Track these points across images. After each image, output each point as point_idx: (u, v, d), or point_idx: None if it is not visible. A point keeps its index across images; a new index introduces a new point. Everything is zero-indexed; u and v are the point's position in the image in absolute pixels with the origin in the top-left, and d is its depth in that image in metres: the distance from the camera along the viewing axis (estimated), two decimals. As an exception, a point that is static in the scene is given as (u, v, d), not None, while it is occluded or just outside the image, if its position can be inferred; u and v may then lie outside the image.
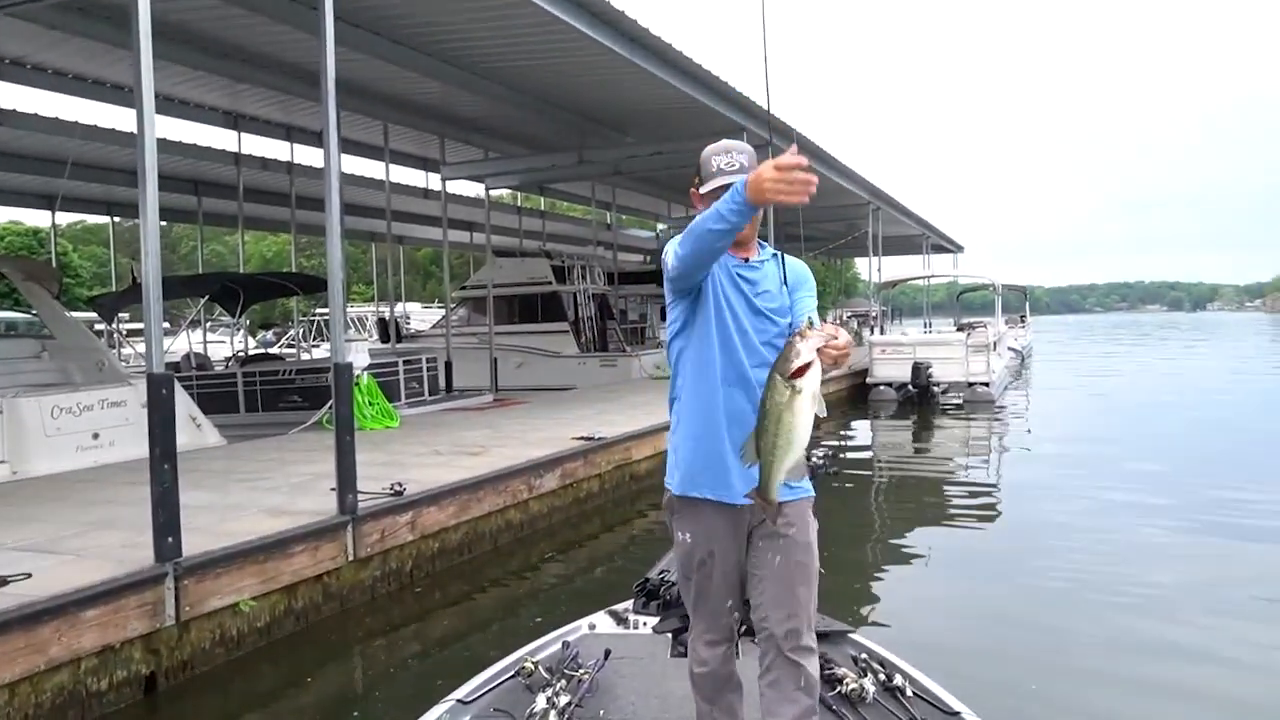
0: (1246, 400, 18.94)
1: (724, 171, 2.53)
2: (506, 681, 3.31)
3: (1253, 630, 5.53)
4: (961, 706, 3.07)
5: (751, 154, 2.57)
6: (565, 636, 3.74)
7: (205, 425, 10.62)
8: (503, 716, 3.08)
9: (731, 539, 2.58)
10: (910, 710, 3.03)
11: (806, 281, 2.74)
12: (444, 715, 3.11)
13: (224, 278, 16.18)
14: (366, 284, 43.34)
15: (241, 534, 5.59)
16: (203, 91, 14.03)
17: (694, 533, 2.60)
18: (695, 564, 2.61)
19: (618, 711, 3.13)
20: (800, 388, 2.15)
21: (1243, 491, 9.44)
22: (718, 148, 2.62)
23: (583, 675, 3.23)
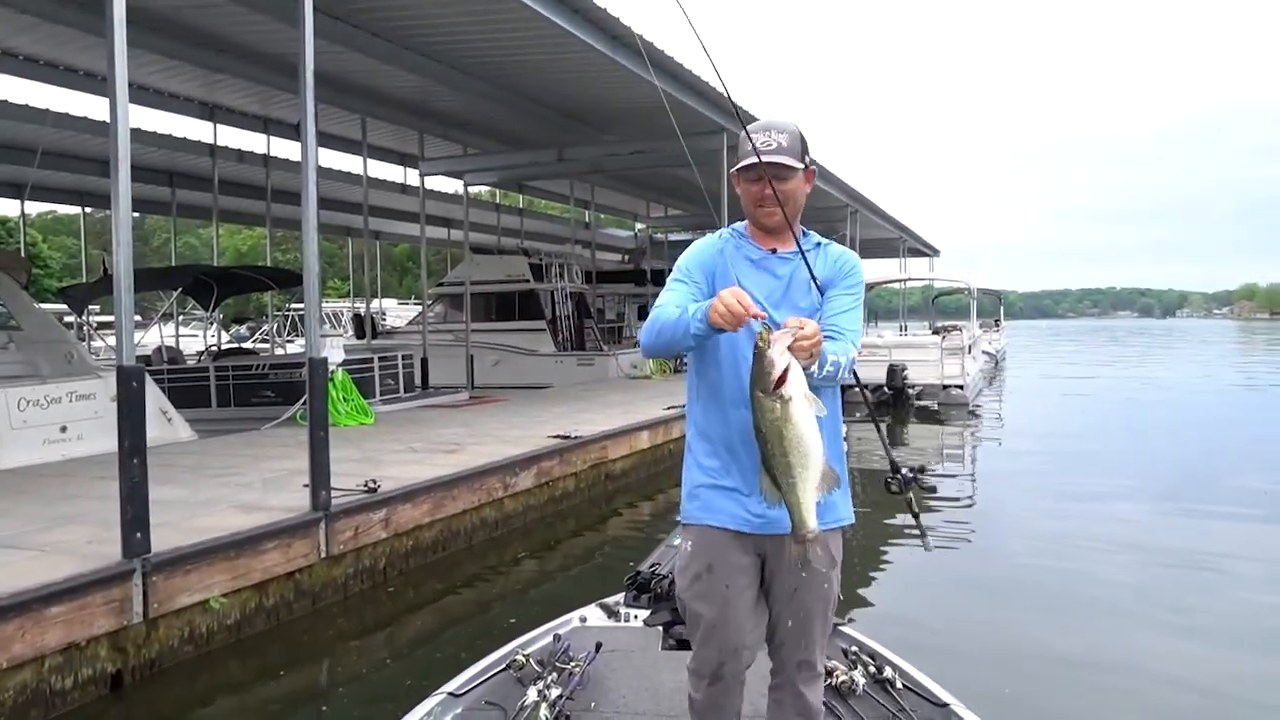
0: (1207, 403, 19.24)
1: (761, 151, 2.27)
2: (498, 674, 3.31)
3: (1229, 613, 5.75)
4: (950, 698, 3.08)
5: (794, 135, 2.32)
6: (556, 629, 3.73)
7: (177, 419, 10.49)
8: (494, 709, 3.06)
9: (738, 556, 2.32)
10: (900, 702, 3.04)
11: (844, 276, 2.39)
12: (435, 708, 3.09)
13: (197, 271, 15.98)
14: (343, 279, 43.07)
15: (212, 530, 5.51)
16: (178, 81, 13.87)
17: (696, 544, 2.36)
18: (689, 578, 2.36)
19: (609, 704, 3.12)
20: (788, 396, 1.99)
21: (1204, 484, 9.71)
22: (758, 125, 2.35)
23: (574, 668, 3.23)
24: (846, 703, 3.04)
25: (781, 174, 2.29)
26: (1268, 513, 8.70)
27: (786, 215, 2.31)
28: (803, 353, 2.02)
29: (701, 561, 2.34)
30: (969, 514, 9.12)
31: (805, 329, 2.03)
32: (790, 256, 2.37)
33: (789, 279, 2.37)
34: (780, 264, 2.38)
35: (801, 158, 2.32)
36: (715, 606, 2.31)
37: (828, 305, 2.36)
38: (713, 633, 2.32)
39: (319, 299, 6.69)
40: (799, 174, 2.33)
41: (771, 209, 2.32)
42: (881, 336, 23.30)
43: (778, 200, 2.29)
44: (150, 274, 15.40)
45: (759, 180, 2.30)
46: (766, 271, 2.37)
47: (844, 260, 2.43)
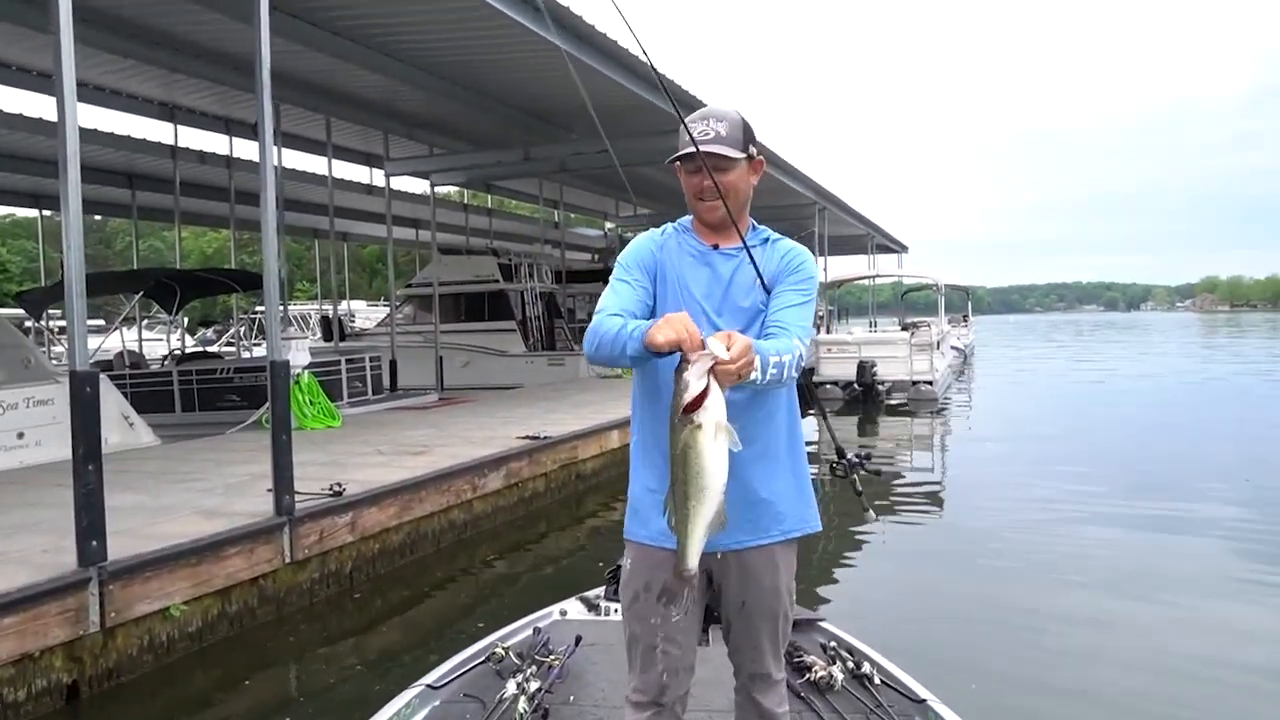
0: (1163, 395, 19.56)
1: (699, 141, 2.15)
2: (477, 667, 3.29)
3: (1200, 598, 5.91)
4: (928, 694, 3.08)
5: (734, 123, 2.19)
6: (536, 623, 3.71)
7: (139, 425, 10.32)
8: (473, 702, 3.04)
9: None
10: (877, 697, 3.04)
11: (792, 272, 2.24)
12: (413, 700, 3.07)
13: (159, 274, 15.73)
14: (310, 281, 42.62)
15: (173, 536, 5.41)
16: (135, 81, 13.64)
17: (635, 562, 2.26)
18: (629, 598, 2.26)
19: (588, 697, 3.11)
20: (698, 422, 1.82)
21: (1159, 473, 9.89)
22: (696, 114, 2.23)
23: (553, 661, 3.22)
24: (824, 698, 3.04)
25: (721, 165, 2.16)
26: (1229, 495, 8.85)
27: (729, 209, 2.18)
28: (727, 376, 1.84)
29: (640, 579, 2.23)
30: (939, 507, 9.20)
31: (731, 349, 1.84)
32: (734, 253, 2.24)
33: (731, 277, 2.24)
34: (723, 260, 2.25)
35: (744, 147, 2.20)
36: (654, 627, 2.20)
37: (774, 301, 2.21)
38: (653, 654, 2.21)
39: (280, 301, 6.60)
40: (741, 164, 2.20)
41: (712, 202, 2.19)
42: (851, 333, 23.46)
43: (719, 192, 2.16)
44: (111, 277, 15.19)
45: (698, 172, 2.17)
46: (708, 268, 2.24)
47: (792, 255, 2.28)
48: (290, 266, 38.59)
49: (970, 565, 7.03)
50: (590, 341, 2.12)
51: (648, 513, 2.22)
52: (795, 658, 3.20)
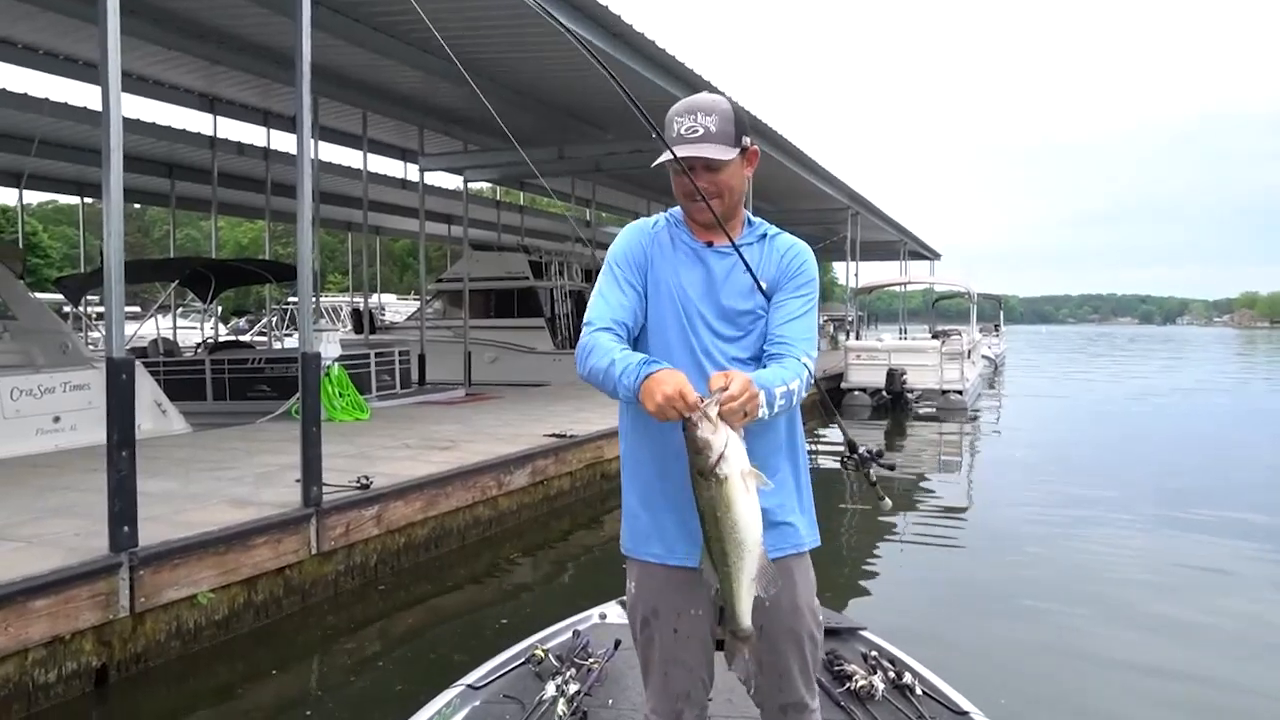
0: (1201, 415, 19.22)
1: (683, 139, 2.01)
2: (516, 668, 3.30)
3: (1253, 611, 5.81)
4: (970, 706, 3.04)
5: (724, 115, 2.03)
6: (576, 625, 3.72)
7: (171, 412, 10.45)
8: (512, 703, 3.06)
9: (685, 598, 2.07)
10: (919, 708, 3.01)
11: (793, 275, 2.09)
12: (454, 700, 3.08)
13: (194, 263, 15.92)
14: (342, 274, 43.02)
15: (202, 524, 5.46)
16: (178, 73, 13.82)
17: (639, 582, 2.13)
18: (638, 623, 2.14)
19: (626, 701, 3.11)
20: (723, 475, 1.73)
21: (1190, 483, 9.67)
22: (682, 106, 2.07)
23: (592, 664, 3.23)
24: (865, 708, 3.02)
25: (711, 165, 2.03)
26: (1259, 522, 8.67)
27: (721, 210, 2.06)
28: (735, 416, 1.75)
29: (647, 605, 2.12)
30: (969, 517, 9.10)
31: (731, 389, 1.75)
32: (730, 250, 2.08)
33: (727, 277, 2.08)
34: (718, 259, 2.09)
35: (737, 140, 2.04)
36: (665, 654, 2.10)
37: (775, 312, 2.06)
38: (666, 681, 2.11)
39: (313, 293, 6.65)
40: (734, 162, 2.05)
41: (702, 204, 2.04)
42: (881, 340, 23.29)
43: (702, 197, 2.02)
44: (147, 265, 15.40)
45: (688, 171, 2.03)
46: (702, 265, 2.09)
47: (793, 255, 2.12)
48: (323, 259, 38.97)
49: (997, 575, 6.98)
50: (581, 361, 2.01)
51: (643, 529, 2.11)
52: (835, 667, 3.19)
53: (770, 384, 1.88)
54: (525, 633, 3.68)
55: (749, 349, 2.07)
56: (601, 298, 2.09)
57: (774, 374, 1.94)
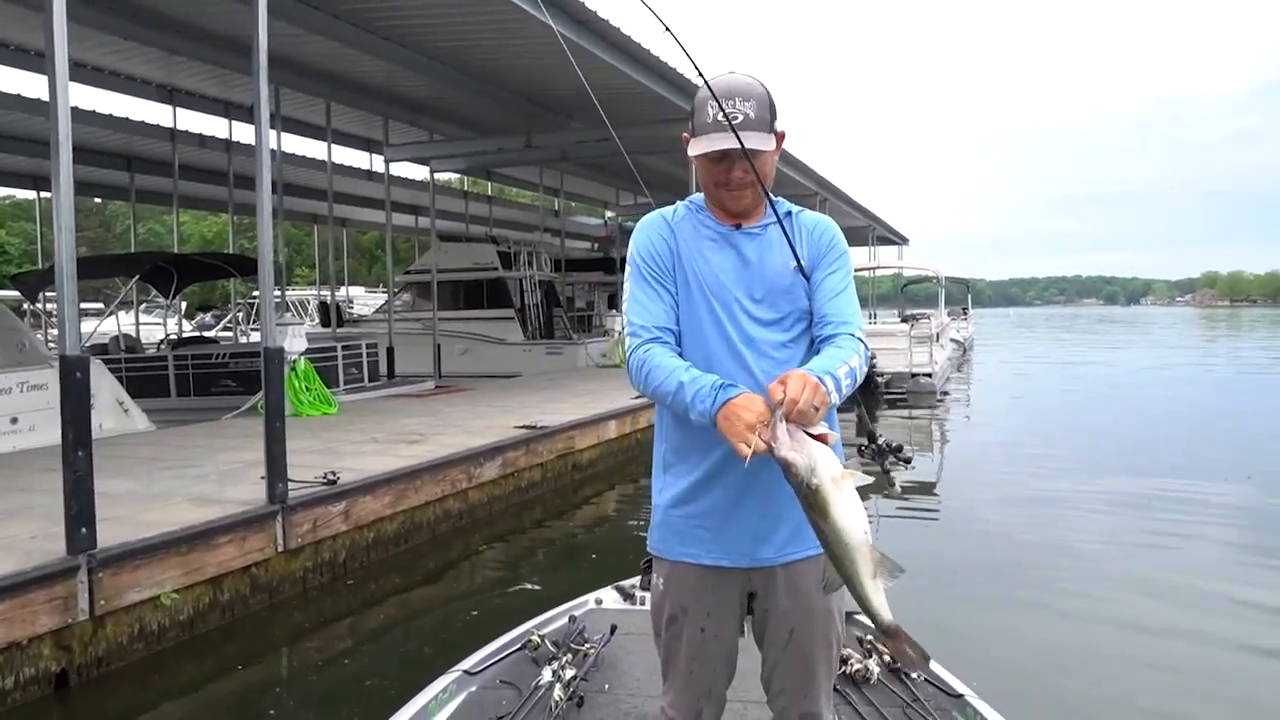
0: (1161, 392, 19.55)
1: (720, 127, 1.89)
2: (513, 654, 3.31)
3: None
4: (965, 689, 3.05)
5: (761, 100, 1.93)
6: (572, 611, 3.73)
7: (133, 410, 10.28)
8: (509, 689, 3.07)
9: (715, 598, 2.02)
10: (914, 691, 3.01)
11: (827, 251, 2.03)
12: (450, 686, 3.07)
13: (156, 258, 15.63)
14: (309, 267, 42.50)
15: (165, 524, 5.36)
16: (135, 63, 13.54)
17: (667, 581, 2.07)
18: (665, 620, 2.07)
19: (622, 686, 3.13)
20: (815, 484, 1.68)
21: (1163, 463, 9.84)
22: (720, 87, 1.93)
23: (588, 649, 3.24)
24: (861, 691, 3.02)
25: (753, 153, 1.94)
26: (1223, 491, 8.81)
27: (751, 201, 1.99)
28: (809, 416, 1.67)
29: (675, 603, 2.05)
30: (941, 496, 9.16)
31: (789, 393, 1.66)
32: (759, 231, 2.01)
33: (761, 258, 2.00)
34: (748, 241, 2.01)
35: (771, 126, 1.96)
36: (691, 653, 2.04)
37: (818, 291, 1.99)
38: (689, 680, 2.06)
39: (276, 287, 6.54)
40: (768, 145, 1.96)
41: (740, 191, 1.97)
42: (851, 325, 23.30)
43: (756, 178, 1.94)
44: (106, 261, 15.12)
45: (722, 160, 1.94)
46: (733, 249, 2.01)
47: (822, 231, 2.06)
48: (289, 252, 38.51)
49: (976, 552, 7.06)
50: (638, 378, 1.93)
51: (682, 526, 2.04)
52: None
53: (831, 368, 1.81)
54: (505, 622, 3.66)
55: (790, 330, 2.00)
56: (639, 303, 2.00)
57: (831, 357, 1.87)
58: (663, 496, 2.08)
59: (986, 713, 2.89)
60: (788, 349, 1.98)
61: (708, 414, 1.78)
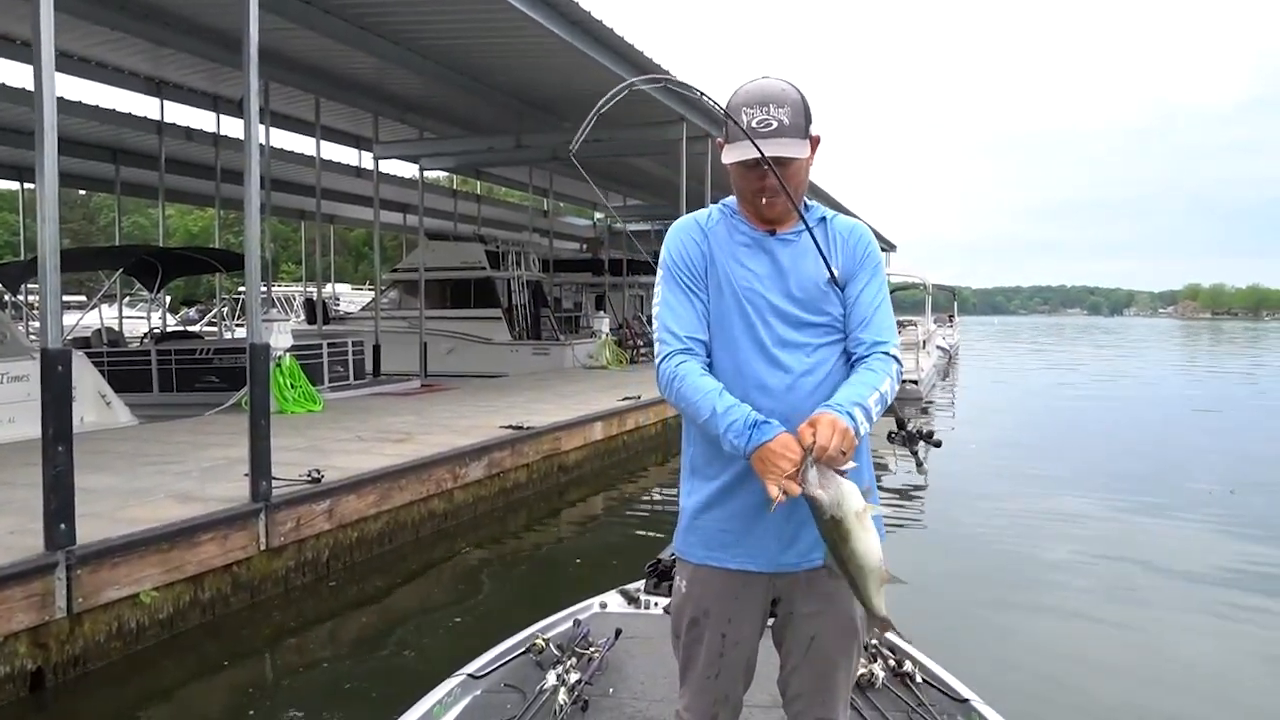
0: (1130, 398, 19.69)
1: (755, 134, 1.86)
2: (517, 657, 3.30)
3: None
4: (970, 694, 3.04)
5: (795, 106, 1.92)
6: (576, 614, 3.72)
7: (116, 404, 10.17)
8: (513, 692, 3.06)
9: (737, 603, 2.00)
10: (919, 696, 3.01)
11: (861, 259, 2.03)
12: (455, 689, 3.07)
13: (140, 251, 15.52)
14: (296, 264, 42.26)
15: (145, 520, 5.29)
16: (122, 54, 13.43)
17: (691, 584, 2.06)
18: (685, 623, 2.06)
19: (627, 690, 3.13)
20: (839, 517, 1.76)
21: (1147, 474, 9.94)
22: (751, 95, 1.92)
23: (593, 653, 3.24)
24: (866, 696, 3.01)
25: (783, 161, 1.91)
26: (1198, 501, 8.87)
27: (792, 200, 1.96)
28: (836, 461, 1.74)
29: (698, 606, 2.03)
30: (928, 501, 9.18)
31: (819, 439, 1.72)
32: (792, 237, 2.00)
33: (794, 264, 1.99)
34: (782, 247, 2.00)
35: (806, 132, 1.94)
36: (710, 658, 2.03)
37: (854, 305, 2.00)
38: (706, 684, 2.04)
39: (262, 283, 6.48)
40: (802, 152, 1.94)
41: (774, 199, 1.94)
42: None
43: (783, 189, 1.91)
44: (90, 253, 14.99)
45: (756, 167, 1.91)
46: (768, 255, 1.99)
47: (856, 239, 2.05)
48: (276, 248, 38.32)
49: (966, 558, 7.11)
50: (667, 389, 1.94)
51: (710, 530, 2.02)
52: None
53: (861, 398, 1.84)
54: (490, 626, 3.64)
55: (823, 336, 1.99)
56: (670, 310, 2.00)
57: (861, 384, 1.88)
58: (689, 500, 2.07)
59: (992, 718, 2.89)
60: (820, 354, 1.98)
61: (741, 450, 1.81)
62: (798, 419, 1.80)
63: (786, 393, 1.92)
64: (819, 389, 1.92)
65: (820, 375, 1.95)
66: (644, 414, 12.02)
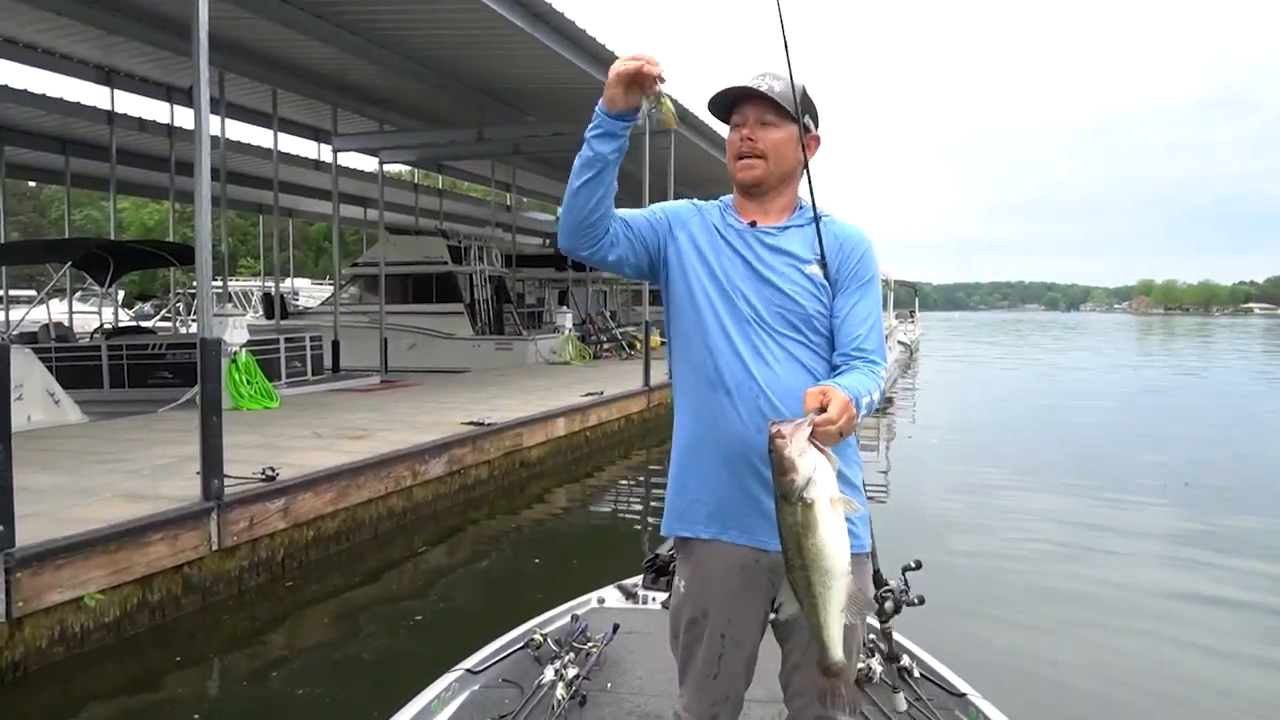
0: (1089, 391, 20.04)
1: (745, 89, 1.94)
2: (515, 653, 3.30)
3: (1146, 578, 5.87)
4: (968, 688, 3.04)
5: (796, 87, 1.94)
6: (574, 610, 3.72)
7: (65, 401, 9.91)
8: (511, 687, 3.08)
9: (736, 603, 1.96)
10: (916, 690, 3.00)
11: (857, 268, 1.96)
12: (453, 684, 3.06)
13: (90, 244, 15.10)
14: (255, 258, 41.59)
15: (91, 520, 5.13)
16: (70, 41, 13.07)
17: (690, 581, 2.02)
18: (684, 623, 2.02)
19: (625, 685, 3.14)
20: (810, 499, 1.61)
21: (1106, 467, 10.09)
22: (758, 67, 1.99)
23: (591, 648, 3.24)
24: (863, 691, 2.98)
25: (764, 116, 1.92)
26: (1158, 485, 9.01)
27: (761, 174, 1.95)
28: (831, 439, 1.65)
29: (697, 606, 2.00)
30: (892, 497, 9.21)
31: (829, 412, 1.64)
32: (774, 232, 1.97)
33: (771, 263, 1.95)
34: (761, 241, 1.97)
35: (798, 113, 1.93)
36: (709, 658, 1.99)
37: (843, 316, 1.93)
38: (705, 684, 2.00)
39: (215, 277, 6.32)
40: (789, 127, 1.93)
41: (750, 160, 1.93)
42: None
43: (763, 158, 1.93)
44: (39, 246, 14.60)
45: (741, 124, 1.93)
46: (746, 247, 1.96)
47: (850, 243, 1.98)
48: (234, 242, 37.67)
49: (935, 553, 7.05)
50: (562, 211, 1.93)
51: (701, 521, 1.99)
52: None
53: (858, 394, 1.79)
54: (454, 627, 3.57)
55: (797, 336, 1.94)
56: None
57: (859, 382, 1.83)
58: (677, 488, 2.05)
59: (989, 712, 2.89)
60: (791, 353, 1.93)
61: (600, 113, 1.80)
62: (759, 416, 1.79)
63: (757, 392, 1.89)
64: (788, 390, 1.87)
65: (788, 374, 1.90)
66: (607, 409, 11.96)
